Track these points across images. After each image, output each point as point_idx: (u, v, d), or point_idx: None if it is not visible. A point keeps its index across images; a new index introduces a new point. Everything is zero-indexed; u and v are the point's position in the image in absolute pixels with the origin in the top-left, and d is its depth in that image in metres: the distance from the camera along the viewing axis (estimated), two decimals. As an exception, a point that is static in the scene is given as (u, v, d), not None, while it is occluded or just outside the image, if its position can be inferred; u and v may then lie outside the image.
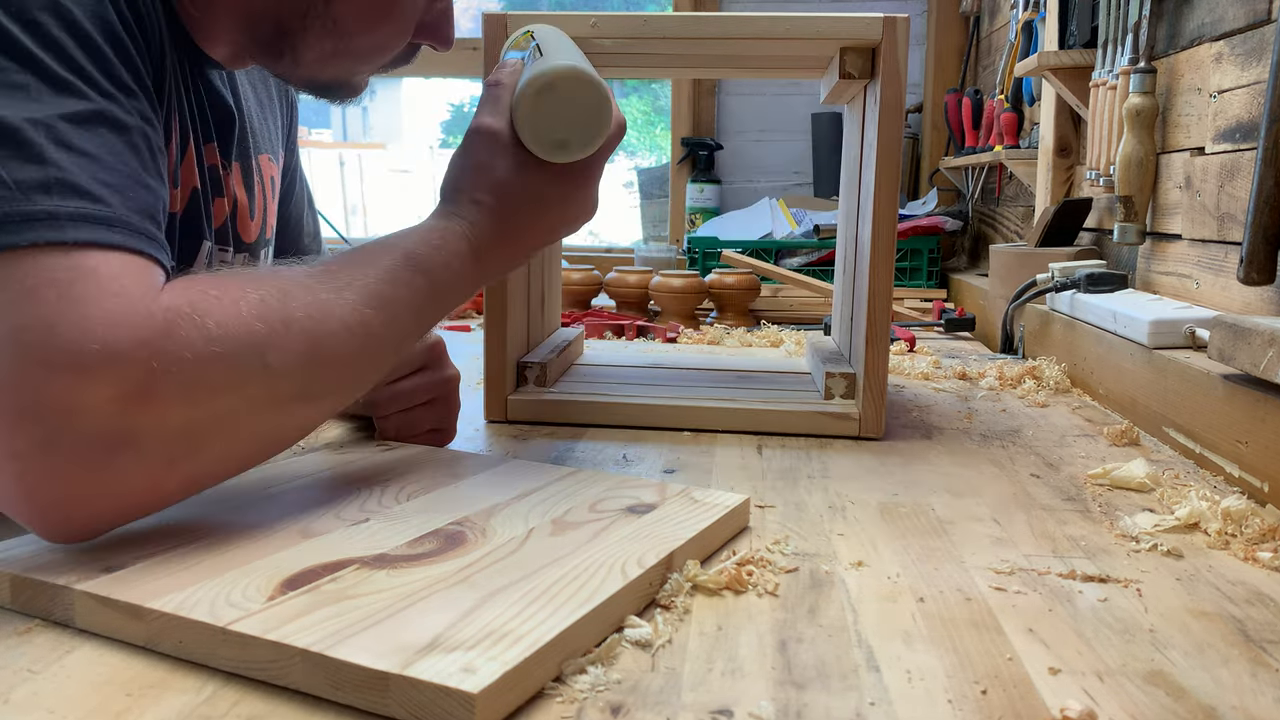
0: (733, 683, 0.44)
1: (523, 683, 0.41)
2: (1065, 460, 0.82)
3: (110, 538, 0.51)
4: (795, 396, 0.94)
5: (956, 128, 2.09)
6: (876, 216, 0.87)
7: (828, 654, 0.47)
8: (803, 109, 2.38)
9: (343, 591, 0.47)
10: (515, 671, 0.40)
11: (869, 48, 0.87)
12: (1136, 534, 0.63)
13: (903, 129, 0.86)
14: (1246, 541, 0.62)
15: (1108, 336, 1.04)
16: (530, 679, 0.41)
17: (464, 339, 1.45)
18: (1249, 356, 0.73)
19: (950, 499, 0.71)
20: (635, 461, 0.80)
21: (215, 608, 0.44)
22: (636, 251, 2.14)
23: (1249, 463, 0.73)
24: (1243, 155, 0.94)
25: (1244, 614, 0.52)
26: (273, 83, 0.86)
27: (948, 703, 0.42)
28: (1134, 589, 0.55)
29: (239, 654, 0.42)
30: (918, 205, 2.19)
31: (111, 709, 0.40)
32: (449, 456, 0.72)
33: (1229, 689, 0.44)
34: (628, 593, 0.49)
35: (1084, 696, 0.43)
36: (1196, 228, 1.04)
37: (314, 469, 0.67)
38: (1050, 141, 1.54)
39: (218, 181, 0.73)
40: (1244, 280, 0.84)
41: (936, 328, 1.64)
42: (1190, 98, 1.08)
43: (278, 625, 0.43)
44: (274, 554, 0.51)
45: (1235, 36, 0.98)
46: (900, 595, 0.53)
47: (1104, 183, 1.27)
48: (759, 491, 0.72)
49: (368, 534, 0.54)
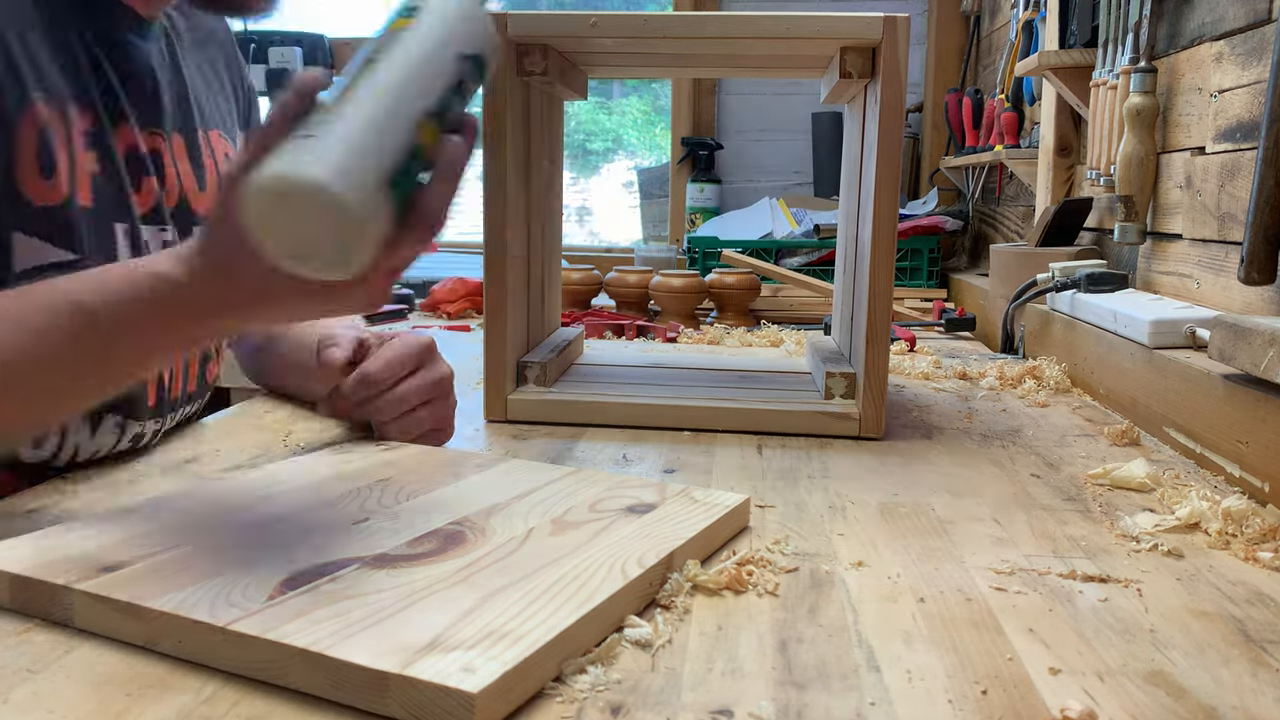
0: (733, 683, 0.43)
1: (523, 682, 0.41)
2: (1066, 460, 0.82)
3: (110, 538, 0.51)
4: (795, 396, 0.94)
5: (957, 127, 2.09)
6: (877, 216, 0.87)
7: (828, 654, 0.46)
8: (803, 108, 2.38)
9: (342, 591, 0.46)
10: (515, 671, 0.40)
11: (869, 47, 0.87)
12: (1137, 534, 0.63)
13: (903, 128, 0.85)
14: (1247, 541, 0.62)
15: (1108, 336, 1.04)
16: (530, 679, 0.41)
17: (464, 339, 1.45)
18: (1249, 356, 0.73)
19: (950, 499, 0.71)
20: (635, 461, 0.80)
21: (215, 608, 0.44)
22: (636, 251, 2.14)
23: (1249, 463, 0.73)
24: (1243, 155, 0.94)
25: (1244, 614, 0.52)
26: (223, 67, 0.86)
27: (948, 703, 0.42)
28: (1134, 589, 0.55)
29: (238, 654, 0.42)
30: (918, 205, 2.18)
31: (111, 709, 0.40)
32: (449, 456, 0.72)
33: (1229, 689, 0.44)
34: (628, 592, 0.49)
35: (1084, 697, 0.43)
36: (1197, 227, 1.04)
37: (313, 468, 0.67)
38: (1051, 141, 1.54)
39: (139, 162, 0.71)
40: (1244, 280, 0.84)
41: (937, 327, 1.64)
42: (1191, 97, 1.08)
43: (277, 625, 0.43)
44: (274, 554, 0.51)
45: (1236, 36, 0.97)
46: (900, 595, 0.53)
47: (1104, 182, 1.26)
48: (759, 491, 0.71)
49: (367, 533, 0.54)
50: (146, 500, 0.61)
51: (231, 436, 0.84)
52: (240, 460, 0.77)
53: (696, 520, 0.58)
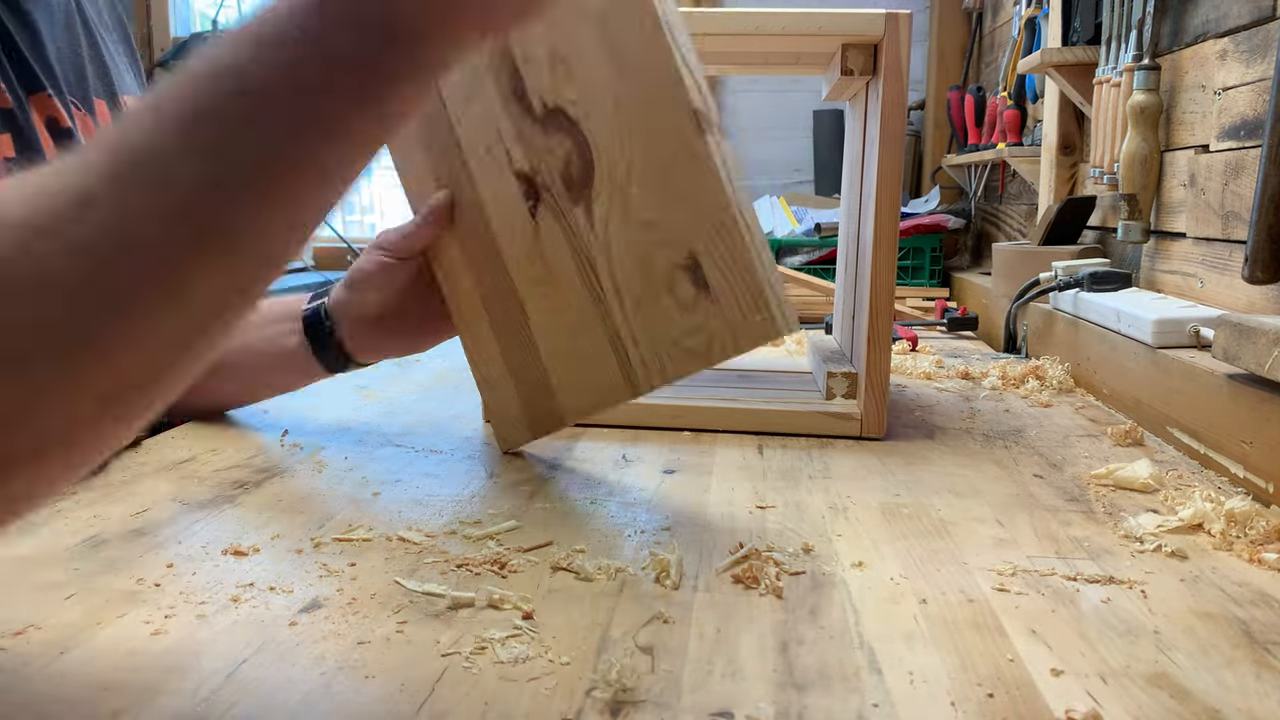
0: (733, 685, 0.43)
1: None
2: (1068, 460, 0.81)
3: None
4: (796, 396, 0.94)
5: (959, 125, 2.08)
6: (878, 214, 0.86)
7: (829, 656, 0.46)
8: (804, 106, 2.37)
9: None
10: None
11: (871, 44, 0.87)
12: (1140, 535, 0.63)
13: (905, 126, 0.85)
14: (1251, 542, 0.61)
15: (1111, 336, 1.04)
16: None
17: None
18: (1254, 356, 0.72)
19: (952, 499, 0.70)
20: (635, 461, 0.79)
21: None
22: (638, 250, 2.13)
23: (1254, 463, 0.73)
24: (1247, 153, 0.93)
25: (1248, 615, 0.52)
26: (119, 23, 0.83)
27: (950, 705, 0.42)
28: (1138, 590, 0.54)
29: None
30: (920, 203, 2.18)
31: (106, 710, 0.40)
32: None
33: (1233, 691, 0.44)
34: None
35: (1087, 698, 0.42)
36: (1201, 226, 1.04)
37: None
38: (1053, 139, 1.53)
39: (64, 135, 0.68)
40: (1249, 279, 0.84)
41: (939, 327, 1.64)
42: (1194, 95, 1.07)
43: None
44: None
45: (1240, 33, 0.97)
46: (902, 596, 0.53)
47: (1108, 180, 1.26)
48: (759, 492, 0.71)
49: None
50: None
51: (229, 436, 0.84)
52: (238, 460, 0.77)
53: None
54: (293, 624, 0.48)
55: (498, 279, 0.73)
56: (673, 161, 0.60)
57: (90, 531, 0.60)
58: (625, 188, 0.63)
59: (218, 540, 0.59)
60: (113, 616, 0.49)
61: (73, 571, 0.54)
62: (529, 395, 0.76)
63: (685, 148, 0.60)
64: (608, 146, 0.63)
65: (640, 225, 0.63)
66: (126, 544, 0.58)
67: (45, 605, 0.50)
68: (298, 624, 0.48)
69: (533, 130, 0.67)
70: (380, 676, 0.43)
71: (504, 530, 0.62)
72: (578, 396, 0.72)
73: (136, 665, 0.44)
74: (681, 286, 0.62)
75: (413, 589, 0.52)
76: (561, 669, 0.44)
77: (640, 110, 0.61)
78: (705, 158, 0.59)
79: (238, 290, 0.37)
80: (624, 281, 0.66)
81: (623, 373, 0.68)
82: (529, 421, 0.77)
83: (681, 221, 0.61)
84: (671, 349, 0.64)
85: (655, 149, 0.61)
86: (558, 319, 0.71)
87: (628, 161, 0.63)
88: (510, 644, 0.46)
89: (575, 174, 0.65)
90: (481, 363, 0.78)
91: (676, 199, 0.61)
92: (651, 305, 0.64)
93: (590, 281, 0.67)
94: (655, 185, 0.62)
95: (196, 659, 0.44)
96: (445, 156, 0.73)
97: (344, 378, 0.85)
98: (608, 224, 0.65)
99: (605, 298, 0.67)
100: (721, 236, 0.60)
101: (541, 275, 0.70)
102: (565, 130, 0.65)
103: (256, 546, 0.58)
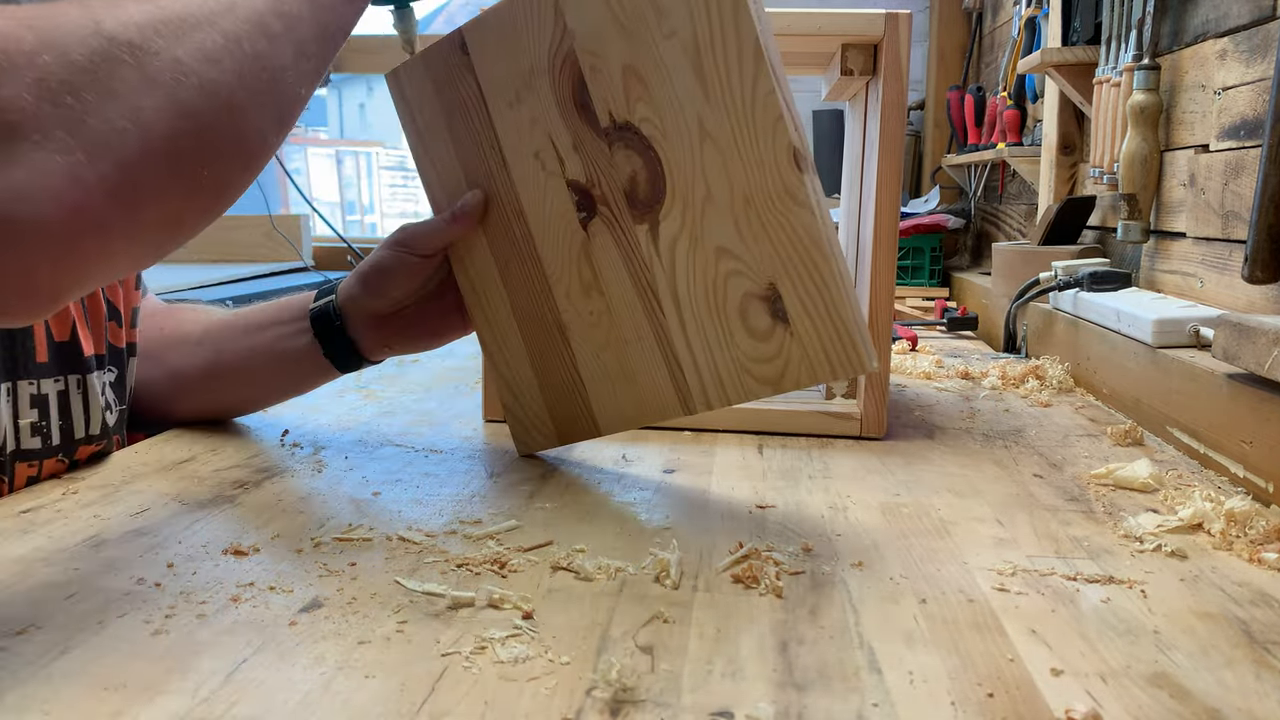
0: (733, 684, 0.43)
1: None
2: (1068, 460, 0.81)
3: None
4: (796, 396, 0.94)
5: (959, 125, 2.08)
6: (878, 214, 0.86)
7: (829, 655, 0.46)
8: (803, 106, 2.37)
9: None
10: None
11: (870, 44, 0.87)
12: (1140, 535, 0.63)
13: (905, 126, 0.85)
14: (1251, 542, 0.61)
15: (1111, 335, 1.04)
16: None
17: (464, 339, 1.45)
18: (1254, 356, 0.72)
19: (952, 499, 0.70)
20: (635, 461, 0.79)
21: None
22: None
23: (1254, 463, 0.73)
24: (1247, 153, 0.93)
25: (1248, 615, 0.52)
26: None
27: (950, 704, 0.42)
28: (1138, 590, 0.55)
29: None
30: (920, 203, 2.18)
31: (106, 710, 0.40)
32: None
33: (1233, 691, 0.44)
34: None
35: (1087, 698, 0.42)
36: (1201, 226, 1.04)
37: None
38: (1053, 139, 1.53)
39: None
40: (1249, 279, 0.84)
41: (939, 326, 1.64)
42: (1194, 94, 1.07)
43: None
44: None
45: (1240, 33, 0.97)
46: (902, 596, 0.53)
47: (1107, 180, 1.26)
48: (759, 491, 0.71)
49: None
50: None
51: (229, 436, 0.84)
52: (238, 460, 0.77)
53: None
54: (293, 624, 0.48)
55: (531, 284, 0.72)
56: (763, 196, 0.59)
57: (90, 531, 0.60)
58: (701, 213, 0.62)
59: (218, 540, 0.59)
60: (113, 616, 0.49)
61: (73, 571, 0.54)
62: (556, 401, 0.75)
63: (781, 185, 0.58)
64: (684, 170, 0.62)
65: (714, 251, 0.62)
66: (126, 544, 0.58)
67: (46, 605, 0.50)
68: (298, 624, 0.48)
69: (595, 142, 0.65)
70: (380, 676, 0.43)
71: (504, 530, 0.62)
72: (618, 409, 0.71)
73: (137, 665, 0.44)
74: (756, 315, 0.61)
75: (413, 589, 0.52)
76: (561, 669, 0.44)
77: (731, 140, 0.59)
78: (802, 198, 0.58)
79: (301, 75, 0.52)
80: (687, 303, 0.64)
81: (676, 391, 0.67)
82: (556, 426, 0.76)
83: (765, 254, 0.60)
84: (738, 374, 0.63)
85: (744, 181, 0.60)
86: (600, 331, 0.69)
87: (707, 187, 0.61)
88: (510, 644, 0.46)
89: (642, 192, 0.64)
90: (504, 364, 0.77)
91: (762, 232, 0.60)
92: (717, 329, 0.63)
93: (647, 299, 0.66)
94: (738, 216, 0.60)
95: (196, 659, 0.45)
96: (478, 152, 0.71)
97: (343, 377, 0.85)
98: (675, 245, 0.64)
99: (663, 316, 0.65)
100: (810, 273, 0.58)
101: (588, 285, 0.69)
102: (634, 147, 0.63)
103: (256, 546, 0.58)
